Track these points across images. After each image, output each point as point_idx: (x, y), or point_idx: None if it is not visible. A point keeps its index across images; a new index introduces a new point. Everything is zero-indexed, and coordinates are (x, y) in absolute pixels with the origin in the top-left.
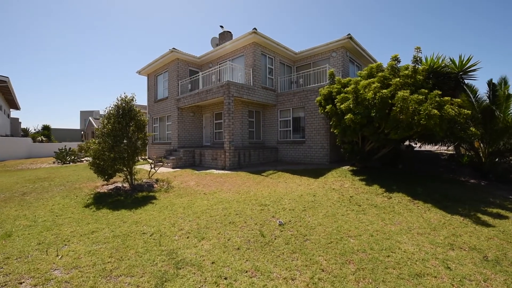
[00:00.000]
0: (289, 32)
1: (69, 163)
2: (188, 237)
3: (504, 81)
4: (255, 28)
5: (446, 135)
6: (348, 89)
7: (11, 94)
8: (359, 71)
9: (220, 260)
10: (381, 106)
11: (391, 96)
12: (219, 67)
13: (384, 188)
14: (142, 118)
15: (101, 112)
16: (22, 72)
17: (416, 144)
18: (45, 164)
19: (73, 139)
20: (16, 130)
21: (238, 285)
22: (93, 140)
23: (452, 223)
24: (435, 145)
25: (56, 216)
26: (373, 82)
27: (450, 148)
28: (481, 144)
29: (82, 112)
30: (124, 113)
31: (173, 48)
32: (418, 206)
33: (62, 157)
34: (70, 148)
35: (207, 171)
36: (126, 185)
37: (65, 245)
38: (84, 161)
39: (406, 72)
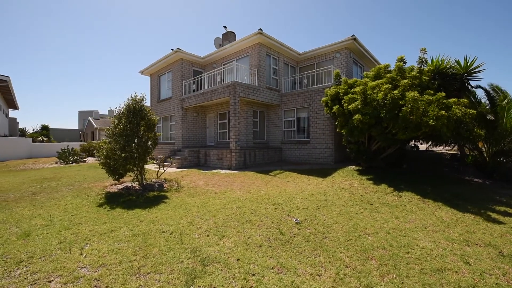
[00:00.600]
0: (289, 33)
1: (72, 163)
2: (208, 235)
3: (498, 88)
4: (260, 29)
5: (452, 135)
6: (356, 89)
7: (10, 94)
8: (366, 72)
9: (244, 257)
10: (392, 107)
11: (401, 97)
12: (225, 67)
13: (393, 187)
14: (152, 118)
15: (101, 112)
16: (21, 72)
17: (421, 144)
18: (47, 164)
19: (72, 139)
20: (14, 130)
21: (266, 281)
22: (104, 140)
23: (464, 221)
24: (440, 145)
25: (71, 215)
26: (383, 83)
27: (454, 148)
28: (485, 145)
29: (80, 112)
30: (135, 113)
31: (178, 48)
32: (428, 205)
33: (64, 157)
34: (72, 148)
35: (214, 171)
36: (135, 184)
37: (87, 244)
38: (87, 161)
39: (413, 73)
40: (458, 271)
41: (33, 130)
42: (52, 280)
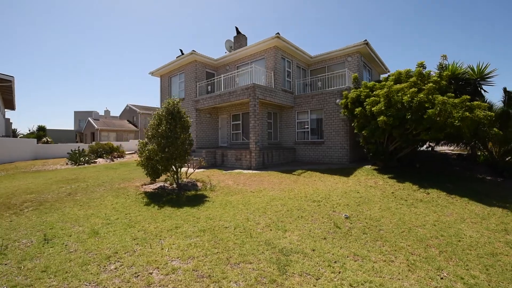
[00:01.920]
0: (289, 34)
1: (84, 164)
2: (271, 230)
3: None
4: (278, 33)
5: (471, 136)
6: (380, 92)
7: (11, 94)
8: (384, 76)
9: (317, 248)
10: (417, 109)
11: (426, 100)
12: (242, 70)
13: (417, 185)
14: (187, 120)
15: (100, 113)
16: (17, 72)
17: (440, 145)
18: (58, 165)
19: (68, 140)
20: (8, 130)
21: (349, 267)
22: (141, 141)
23: (496, 214)
24: (446, 145)
25: (125, 214)
26: (407, 87)
27: (462, 148)
28: (494, 145)
29: (76, 113)
30: (174, 114)
31: (193, 51)
32: (457, 200)
33: (76, 158)
34: (82, 149)
35: (236, 171)
36: (167, 184)
37: (160, 239)
38: (98, 162)
39: (434, 78)
40: (508, 255)
41: (29, 130)
42: (152, 272)
